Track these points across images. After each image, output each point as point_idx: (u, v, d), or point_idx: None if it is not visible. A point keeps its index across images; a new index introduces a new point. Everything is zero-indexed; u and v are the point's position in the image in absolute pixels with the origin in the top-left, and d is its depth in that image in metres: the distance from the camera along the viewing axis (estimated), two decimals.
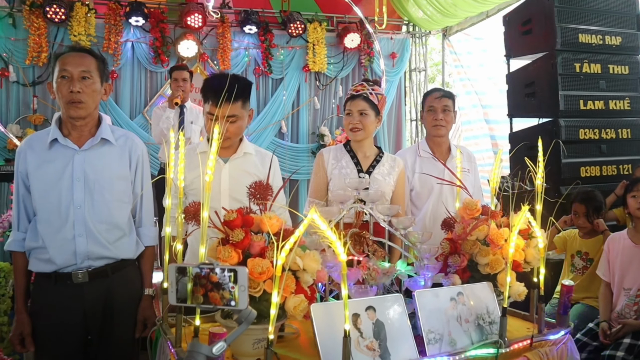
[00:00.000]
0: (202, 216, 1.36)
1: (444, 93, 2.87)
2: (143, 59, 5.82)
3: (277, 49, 6.33)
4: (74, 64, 1.88)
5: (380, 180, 2.48)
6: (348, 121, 2.50)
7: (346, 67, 6.64)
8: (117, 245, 1.97)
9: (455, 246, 1.90)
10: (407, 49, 6.96)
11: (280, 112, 6.42)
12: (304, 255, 1.50)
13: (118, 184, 1.98)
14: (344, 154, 2.55)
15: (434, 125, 2.84)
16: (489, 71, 6.42)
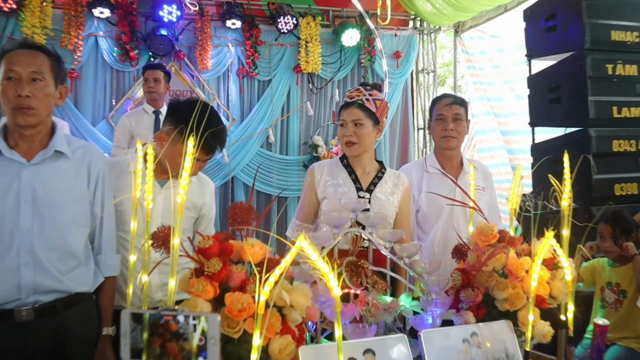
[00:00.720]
0: (173, 243, 1.35)
1: (455, 99, 2.88)
2: (108, 56, 5.84)
3: (265, 46, 6.37)
4: (23, 64, 1.86)
5: (383, 200, 2.48)
6: (342, 133, 2.50)
7: (344, 67, 6.69)
8: (71, 276, 1.95)
9: (469, 278, 1.88)
10: (414, 48, 7.03)
11: (268, 119, 6.45)
12: (291, 289, 1.49)
13: (74, 204, 1.96)
14: (340, 169, 2.55)
15: (443, 136, 2.85)
16: (506, 74, 6.48)
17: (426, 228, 2.88)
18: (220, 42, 6.24)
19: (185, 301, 1.47)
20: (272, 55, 6.44)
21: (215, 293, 1.45)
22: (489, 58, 6.70)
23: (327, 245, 1.94)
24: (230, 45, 6.27)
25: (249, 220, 1.59)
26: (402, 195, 2.56)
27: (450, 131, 2.82)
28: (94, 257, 2.06)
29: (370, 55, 6.68)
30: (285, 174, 6.51)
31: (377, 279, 1.99)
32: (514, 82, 6.37)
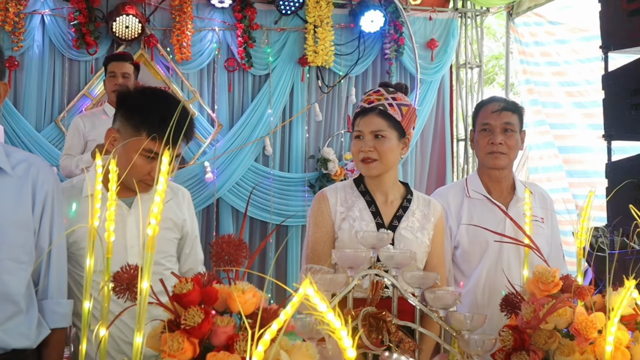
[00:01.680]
0: (141, 287, 1.37)
1: (506, 104, 2.89)
2: (59, 40, 5.93)
3: (262, 31, 6.43)
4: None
5: (410, 239, 2.48)
6: (358, 147, 2.50)
7: (362, 60, 6.74)
8: (8, 328, 1.95)
9: (522, 338, 1.88)
10: (454, 35, 7.07)
11: (265, 126, 6.48)
12: (292, 348, 1.50)
13: (14, 234, 1.98)
14: (357, 197, 2.54)
15: (489, 152, 2.85)
16: (567, 74, 6.49)
17: (467, 270, 2.88)
18: (204, 25, 6.31)
19: None
20: (271, 42, 6.51)
21: (195, 353, 1.46)
22: (544, 51, 6.71)
23: (339, 293, 1.95)
24: (217, 29, 6.34)
25: (239, 259, 1.60)
26: (434, 229, 2.56)
27: (499, 146, 2.82)
28: (37, 303, 2.07)
29: (398, 44, 6.72)
30: (286, 196, 6.54)
31: (402, 336, 1.99)
32: (574, 85, 6.38)
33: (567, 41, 6.53)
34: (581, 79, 6.29)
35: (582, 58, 6.34)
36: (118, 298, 1.57)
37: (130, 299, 1.56)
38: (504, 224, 2.74)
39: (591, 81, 6.22)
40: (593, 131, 6.14)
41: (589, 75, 6.28)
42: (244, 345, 1.43)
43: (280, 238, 6.34)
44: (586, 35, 6.22)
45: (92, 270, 1.65)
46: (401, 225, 2.50)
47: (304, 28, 6.54)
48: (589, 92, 6.25)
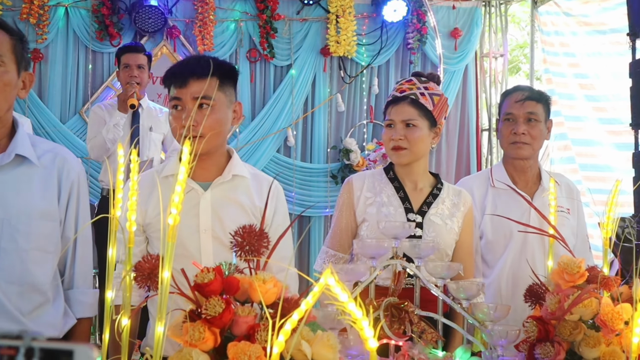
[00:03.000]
0: (162, 277, 1.37)
1: (530, 93, 2.88)
2: (82, 32, 5.96)
3: (284, 21, 6.42)
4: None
5: (439, 225, 2.50)
6: (389, 136, 2.52)
7: (385, 50, 6.70)
8: (35, 317, 1.98)
9: (547, 329, 1.87)
10: (478, 24, 7.02)
11: (287, 116, 6.49)
12: (313, 338, 1.49)
13: (40, 224, 1.99)
14: (385, 184, 2.57)
15: (512, 142, 2.85)
16: (581, 65, 6.43)
17: (491, 260, 2.88)
18: (227, 16, 6.31)
19: (176, 353, 1.48)
20: (292, 33, 6.49)
21: (216, 342, 1.46)
22: (563, 42, 6.64)
23: (361, 283, 1.94)
24: (239, 20, 6.34)
25: (260, 249, 1.60)
26: (463, 219, 2.57)
27: (522, 136, 2.81)
28: (64, 293, 2.09)
29: (421, 33, 6.68)
30: (308, 187, 6.54)
31: (425, 326, 1.99)
32: (586, 78, 6.32)
33: (579, 33, 6.46)
34: (592, 72, 6.23)
35: (595, 51, 6.27)
36: (139, 287, 1.58)
37: (152, 288, 1.56)
38: (529, 214, 2.73)
39: (600, 75, 6.20)
40: (601, 125, 6.14)
41: (602, 69, 6.24)
42: (265, 335, 1.42)
43: (302, 228, 6.34)
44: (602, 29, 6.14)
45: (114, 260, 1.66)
46: (430, 211, 2.52)
47: (326, 18, 6.51)
48: (601, 86, 6.21)
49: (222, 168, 2.28)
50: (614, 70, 5.84)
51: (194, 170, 2.17)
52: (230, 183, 2.27)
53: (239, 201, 2.25)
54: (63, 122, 5.91)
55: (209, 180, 2.26)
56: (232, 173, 2.27)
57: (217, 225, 2.18)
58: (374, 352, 1.29)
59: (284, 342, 1.28)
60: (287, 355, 1.35)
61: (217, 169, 2.27)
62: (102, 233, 2.03)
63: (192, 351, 1.43)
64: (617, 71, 5.67)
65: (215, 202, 2.23)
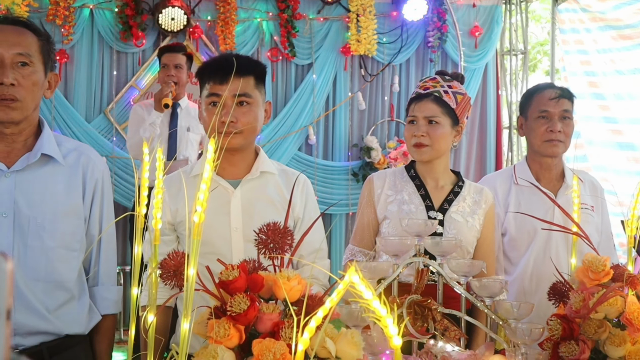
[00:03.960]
0: (188, 274, 1.37)
1: (563, 92, 2.85)
2: (107, 33, 6.00)
3: (304, 21, 6.43)
4: (6, 44, 1.90)
5: (460, 222, 2.49)
6: (411, 132, 2.51)
7: (405, 48, 6.69)
8: (60, 314, 1.99)
9: (571, 328, 1.85)
10: (498, 22, 6.98)
11: (308, 114, 6.50)
12: (337, 335, 1.49)
13: (65, 222, 2.00)
14: (407, 181, 2.57)
15: (547, 139, 2.81)
16: (592, 63, 6.38)
17: (514, 258, 2.86)
18: (248, 16, 6.33)
19: (201, 349, 1.49)
20: (313, 32, 6.50)
21: (241, 339, 1.46)
22: (577, 39, 6.60)
23: (384, 280, 1.93)
24: (261, 19, 6.35)
25: (284, 246, 1.60)
26: (485, 217, 2.55)
27: (558, 134, 2.78)
28: (89, 290, 2.10)
29: (441, 32, 6.66)
30: (330, 185, 6.54)
31: (448, 324, 1.97)
32: (595, 76, 6.28)
33: (592, 30, 6.40)
34: (599, 70, 6.20)
35: (606, 48, 6.23)
36: (165, 285, 1.58)
37: (176, 285, 1.56)
38: (552, 211, 2.71)
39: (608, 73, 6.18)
40: (606, 124, 6.11)
41: (608, 67, 6.22)
42: (289, 332, 1.43)
43: (325, 226, 6.33)
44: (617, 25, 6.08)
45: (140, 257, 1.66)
46: (452, 208, 2.50)
47: (346, 17, 6.51)
48: (606, 84, 6.17)
49: (250, 165, 2.28)
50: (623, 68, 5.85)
51: (223, 168, 2.21)
52: (259, 180, 2.28)
53: (269, 198, 2.26)
54: (88, 121, 5.95)
55: (238, 178, 2.26)
56: (260, 170, 2.28)
57: (248, 222, 2.18)
58: (399, 349, 1.28)
59: (308, 340, 1.27)
60: (311, 352, 1.35)
61: (246, 167, 2.28)
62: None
63: (217, 348, 1.43)
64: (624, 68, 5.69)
65: (246, 200, 2.24)
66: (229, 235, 2.20)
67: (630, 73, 6.00)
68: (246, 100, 2.18)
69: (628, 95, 5.99)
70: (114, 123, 5.95)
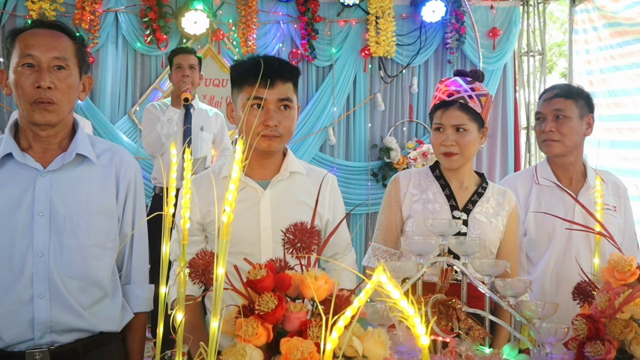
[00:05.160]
0: (217, 274, 1.36)
1: (559, 91, 2.83)
2: (131, 36, 6.02)
3: (324, 23, 6.43)
4: (43, 47, 1.92)
5: (484, 223, 2.48)
6: (439, 141, 2.49)
7: (424, 50, 6.67)
8: (95, 311, 2.00)
9: (597, 327, 1.82)
10: (516, 23, 6.95)
11: (328, 116, 6.49)
12: (364, 334, 1.47)
13: (99, 221, 2.02)
14: (432, 181, 2.56)
15: (542, 140, 2.84)
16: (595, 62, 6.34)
17: (534, 258, 2.85)
18: (269, 19, 6.32)
19: (229, 347, 1.48)
20: (333, 34, 6.48)
21: (269, 338, 1.45)
22: (587, 39, 6.54)
23: (409, 279, 1.92)
24: (281, 22, 6.35)
25: (311, 246, 1.59)
26: (508, 218, 2.55)
27: (550, 133, 2.78)
28: (121, 288, 2.11)
29: (459, 33, 6.63)
30: (350, 185, 6.52)
31: (472, 323, 1.96)
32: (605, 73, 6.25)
33: (598, 28, 6.36)
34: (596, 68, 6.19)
35: (611, 44, 6.19)
36: (194, 284, 1.57)
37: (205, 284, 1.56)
38: (573, 211, 2.69)
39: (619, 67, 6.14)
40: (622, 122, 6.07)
41: (614, 62, 6.18)
42: (317, 331, 1.42)
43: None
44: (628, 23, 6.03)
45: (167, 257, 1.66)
46: (475, 209, 2.49)
47: (365, 19, 6.50)
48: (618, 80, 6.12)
49: (279, 166, 2.29)
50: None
51: (252, 169, 2.22)
52: (288, 180, 2.29)
53: (298, 198, 2.26)
54: (113, 122, 5.98)
55: (267, 179, 2.27)
56: (289, 170, 2.29)
57: (277, 223, 2.17)
58: (426, 349, 1.27)
59: (337, 339, 1.26)
60: (340, 351, 1.34)
61: (275, 167, 2.29)
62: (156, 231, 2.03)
63: (245, 346, 1.42)
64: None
65: (275, 200, 2.25)
66: (258, 236, 2.21)
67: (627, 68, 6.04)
68: (288, 105, 2.19)
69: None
70: (137, 124, 5.96)
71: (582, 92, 2.86)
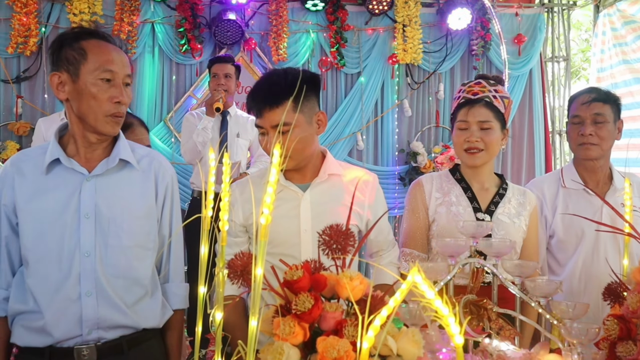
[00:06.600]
0: (255, 274, 1.36)
1: (598, 95, 2.78)
2: (167, 46, 6.07)
3: (353, 32, 6.43)
4: (120, 64, 1.98)
5: (507, 223, 2.46)
6: (463, 138, 2.47)
7: (450, 57, 6.65)
8: (138, 309, 2.02)
9: (628, 328, 1.79)
10: (541, 30, 6.89)
11: (357, 121, 6.49)
12: (398, 334, 1.46)
13: (141, 223, 2.04)
14: (453, 184, 2.54)
15: (579, 143, 2.77)
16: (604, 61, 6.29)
17: (562, 259, 2.82)
18: (299, 28, 6.34)
19: (267, 346, 1.48)
20: (361, 42, 6.49)
21: (305, 337, 1.45)
22: (604, 40, 6.45)
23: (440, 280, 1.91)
24: (311, 31, 6.36)
25: (347, 247, 1.58)
26: (529, 217, 2.52)
27: (589, 137, 2.73)
28: (160, 287, 2.13)
29: (485, 40, 6.60)
30: None
31: (503, 323, 1.94)
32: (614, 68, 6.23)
33: (618, 29, 6.30)
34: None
35: (626, 41, 6.16)
36: (232, 284, 1.58)
37: (243, 284, 1.56)
38: (601, 213, 2.66)
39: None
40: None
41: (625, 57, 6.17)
42: (352, 330, 1.41)
43: None
44: None
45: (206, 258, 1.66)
46: (498, 210, 2.47)
47: (393, 28, 6.50)
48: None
49: (318, 169, 2.30)
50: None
51: (291, 174, 2.21)
52: (327, 182, 2.29)
53: (338, 199, 2.26)
54: (149, 129, 6.00)
55: (306, 182, 2.28)
56: (327, 173, 2.30)
57: (317, 224, 2.16)
58: (461, 348, 1.26)
59: (373, 338, 1.25)
60: (376, 350, 1.33)
61: (314, 171, 2.29)
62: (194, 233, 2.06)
63: (283, 344, 1.42)
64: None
65: (315, 202, 2.25)
66: (298, 237, 2.22)
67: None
68: (286, 130, 2.13)
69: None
70: (173, 130, 6.02)
71: (616, 97, 2.82)
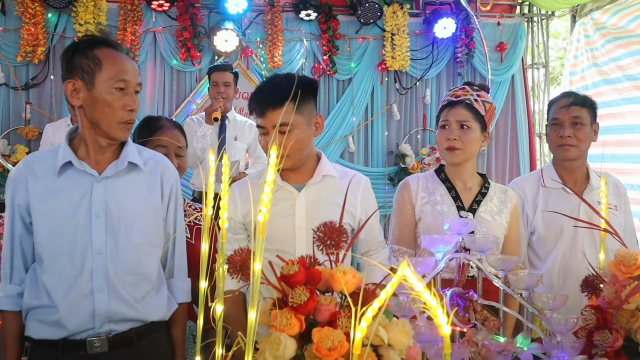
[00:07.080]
0: (253, 269, 1.36)
1: (575, 99, 2.81)
2: (168, 54, 6.06)
3: (344, 40, 6.43)
4: (132, 73, 2.00)
5: (489, 221, 2.47)
6: (443, 136, 2.49)
7: (436, 64, 6.66)
8: (146, 303, 2.03)
9: (605, 317, 1.81)
10: (522, 38, 6.92)
11: (348, 125, 6.49)
12: (389, 325, 1.47)
13: (148, 222, 2.06)
14: (438, 184, 2.55)
15: (559, 145, 2.79)
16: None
17: (542, 254, 2.84)
18: (293, 37, 6.34)
19: (265, 337, 1.48)
20: (352, 50, 6.49)
21: (301, 328, 1.45)
22: (578, 47, 6.50)
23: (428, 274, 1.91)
24: (305, 39, 6.37)
25: (340, 243, 1.58)
26: (510, 215, 2.53)
27: (568, 138, 2.76)
28: (166, 282, 2.15)
29: (469, 48, 6.61)
30: None
31: (487, 314, 1.95)
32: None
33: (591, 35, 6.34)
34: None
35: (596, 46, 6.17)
36: (232, 279, 1.58)
37: (242, 279, 1.56)
38: (579, 210, 2.69)
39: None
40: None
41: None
42: (345, 322, 1.42)
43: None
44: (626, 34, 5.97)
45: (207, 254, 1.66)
46: (480, 208, 2.49)
47: (382, 36, 6.50)
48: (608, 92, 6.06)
49: (313, 170, 2.31)
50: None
51: (287, 175, 2.22)
52: (321, 183, 2.30)
53: (331, 199, 2.27)
54: None
55: (302, 182, 2.29)
56: (322, 174, 2.30)
57: (312, 222, 2.17)
58: (448, 337, 1.26)
59: (366, 328, 1.26)
60: (369, 340, 1.33)
61: (309, 172, 2.30)
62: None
63: (280, 335, 1.42)
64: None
65: (310, 202, 2.26)
66: (293, 235, 2.23)
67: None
68: (282, 130, 2.13)
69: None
70: None
71: (592, 101, 2.84)
